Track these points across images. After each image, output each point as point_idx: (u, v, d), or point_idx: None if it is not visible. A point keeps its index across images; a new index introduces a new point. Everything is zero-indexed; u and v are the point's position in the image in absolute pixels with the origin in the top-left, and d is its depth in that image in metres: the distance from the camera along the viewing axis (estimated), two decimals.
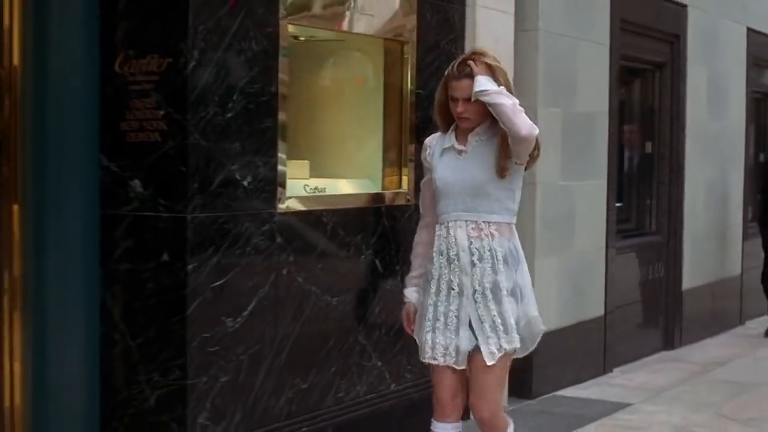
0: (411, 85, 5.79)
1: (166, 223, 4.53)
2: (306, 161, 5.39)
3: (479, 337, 4.02)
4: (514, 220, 4.12)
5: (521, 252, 4.13)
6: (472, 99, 3.95)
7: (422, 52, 5.88)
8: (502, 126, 3.91)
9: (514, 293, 4.05)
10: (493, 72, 3.99)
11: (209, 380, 4.61)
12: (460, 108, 4.02)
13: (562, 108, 7.11)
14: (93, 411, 4.74)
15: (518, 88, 6.68)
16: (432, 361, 4.13)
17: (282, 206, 4.94)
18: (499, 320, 4.00)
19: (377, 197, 5.65)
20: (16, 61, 4.58)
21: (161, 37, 4.53)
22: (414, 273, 4.27)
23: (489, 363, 4.01)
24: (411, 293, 4.26)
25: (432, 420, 4.22)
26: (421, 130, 5.61)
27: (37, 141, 4.63)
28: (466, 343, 4.04)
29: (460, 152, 4.08)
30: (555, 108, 7.03)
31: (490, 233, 4.02)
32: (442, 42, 6.01)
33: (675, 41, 8.81)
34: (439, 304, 4.10)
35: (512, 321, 4.01)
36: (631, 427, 6.22)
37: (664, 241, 8.85)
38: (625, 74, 8.25)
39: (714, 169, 9.54)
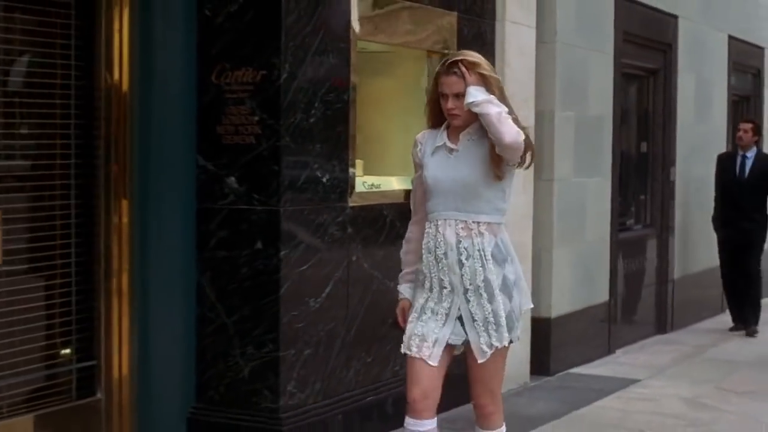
0: None
1: (260, 215, 5.17)
2: (361, 160, 6.05)
3: (470, 334, 4.02)
4: (503, 219, 4.11)
5: (510, 247, 4.12)
6: (464, 109, 3.98)
7: None
8: (489, 134, 3.93)
9: (504, 289, 4.03)
10: (486, 81, 3.98)
11: (296, 353, 5.26)
12: (450, 104, 4.02)
13: (575, 111, 7.82)
14: (190, 381, 5.38)
15: (538, 94, 7.42)
16: (406, 351, 4.10)
17: (352, 201, 5.61)
18: (492, 318, 4.00)
19: None
20: (125, 73, 5.21)
21: (256, 53, 5.17)
22: (406, 269, 4.27)
23: (480, 360, 4.02)
24: (405, 290, 4.25)
25: (405, 417, 4.13)
26: None
27: (142, 143, 5.28)
28: (450, 338, 4.03)
29: (451, 151, 4.08)
30: (569, 112, 7.74)
31: (479, 232, 4.01)
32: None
33: (668, 50, 9.56)
34: (429, 300, 4.09)
35: (504, 317, 4.00)
36: (644, 398, 6.94)
37: (656, 234, 9.60)
38: (625, 81, 8.96)
39: (701, 167, 10.28)
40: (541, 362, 7.50)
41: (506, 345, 4.05)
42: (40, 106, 4.95)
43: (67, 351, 5.12)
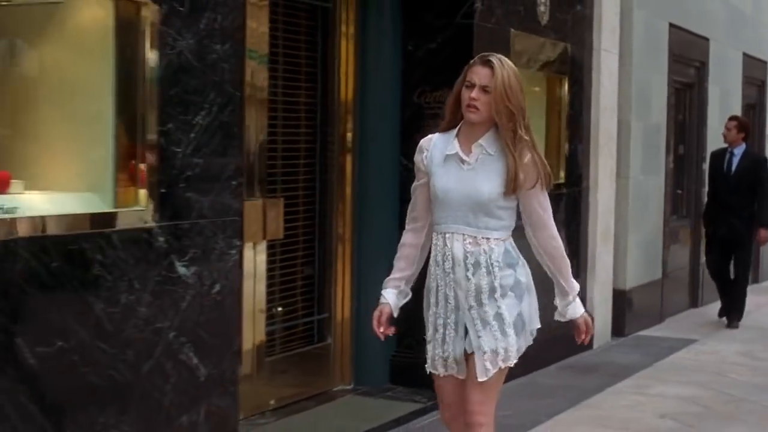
0: (567, 107, 8.16)
1: None
2: None
3: (475, 352, 3.90)
4: (510, 234, 4.00)
5: (518, 251, 4.00)
6: (486, 110, 3.85)
7: (571, 82, 8.24)
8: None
9: (516, 289, 3.93)
10: (508, 84, 3.84)
11: None
12: (474, 94, 3.86)
13: (642, 121, 9.52)
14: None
15: (619, 108, 9.07)
16: (434, 371, 4.06)
17: None
18: (497, 330, 3.89)
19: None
20: (350, 92, 6.81)
21: (451, 78, 6.75)
22: (396, 275, 4.12)
23: (480, 379, 3.90)
24: (389, 294, 4.11)
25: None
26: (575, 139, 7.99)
27: (362, 145, 6.86)
28: (462, 352, 3.97)
29: (464, 162, 3.92)
30: (640, 122, 9.44)
31: (489, 247, 3.90)
32: (582, 76, 8.39)
33: (701, 66, 11.31)
34: (438, 315, 4.00)
35: (509, 324, 3.90)
36: (708, 352, 8.67)
37: (690, 223, 11.34)
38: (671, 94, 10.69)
39: None
40: (618, 325, 9.19)
41: (511, 364, 3.96)
42: (296, 111, 6.51)
43: (312, 304, 6.72)
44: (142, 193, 4.33)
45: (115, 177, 4.32)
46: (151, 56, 4.33)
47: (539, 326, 4.05)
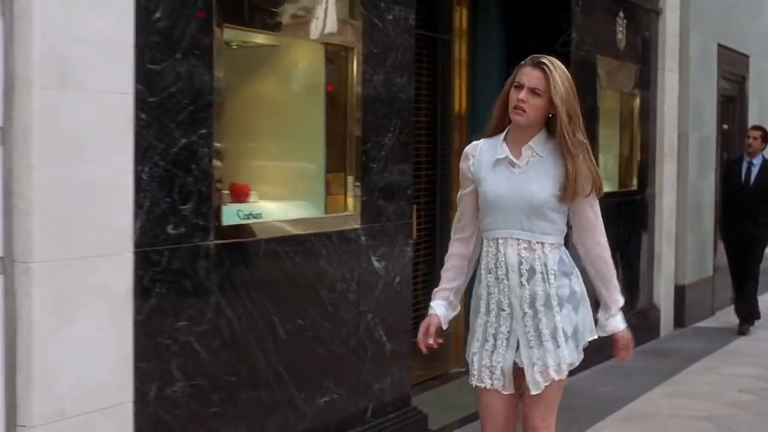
0: (639, 121, 9.18)
1: None
2: None
3: (525, 363, 3.78)
4: (563, 239, 3.89)
5: (572, 261, 3.89)
6: (534, 112, 3.75)
7: (641, 99, 9.27)
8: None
9: (572, 300, 3.81)
10: (559, 87, 3.73)
11: None
12: (522, 95, 3.74)
13: (698, 132, 10.55)
14: None
15: (678, 121, 10.09)
16: (479, 384, 3.88)
17: None
18: (550, 341, 3.77)
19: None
20: (464, 109, 7.82)
21: None
22: (444, 286, 4.01)
23: (534, 392, 3.79)
24: (439, 306, 3.98)
25: None
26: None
27: None
28: (510, 364, 3.82)
29: (514, 166, 3.79)
30: (695, 132, 10.47)
31: (544, 253, 3.77)
32: (649, 94, 9.42)
33: (742, 81, 12.34)
34: (489, 324, 3.84)
35: (563, 335, 3.78)
36: (763, 339, 9.67)
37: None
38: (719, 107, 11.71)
39: None
40: (679, 316, 10.19)
41: (564, 377, 3.83)
42: (418, 128, 7.51)
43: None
44: (350, 201, 5.32)
45: (326, 188, 5.31)
46: (354, 89, 5.32)
47: (595, 337, 3.91)
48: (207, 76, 4.33)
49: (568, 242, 3.92)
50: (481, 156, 3.86)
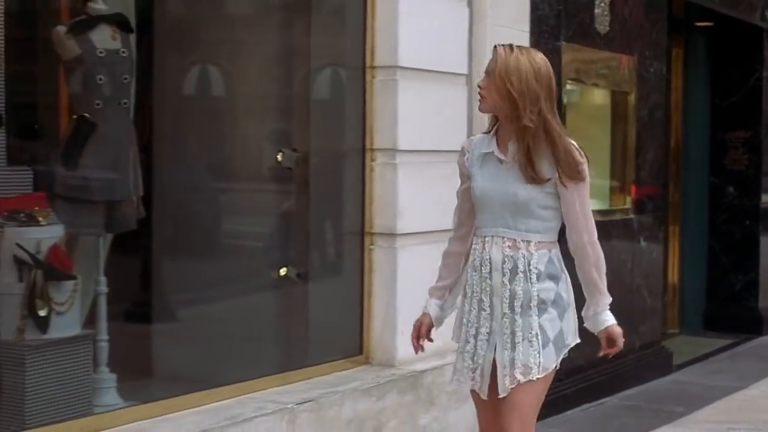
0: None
1: (744, 208, 9.97)
2: None
3: (498, 365, 3.66)
4: (556, 237, 3.74)
5: (563, 264, 3.73)
6: (490, 93, 3.64)
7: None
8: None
9: (557, 306, 3.68)
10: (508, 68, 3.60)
11: None
12: (481, 82, 3.70)
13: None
14: (702, 289, 10.17)
15: None
16: (457, 385, 3.86)
17: None
18: (521, 343, 3.63)
19: None
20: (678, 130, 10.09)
21: (745, 123, 9.97)
22: (438, 284, 3.94)
23: (501, 395, 3.66)
24: (431, 305, 3.92)
25: None
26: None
27: (686, 169, 10.13)
28: (489, 366, 3.70)
29: (501, 161, 3.69)
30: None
31: (528, 252, 3.65)
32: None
33: None
34: (470, 324, 3.75)
35: (538, 338, 3.63)
36: None
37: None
38: None
39: None
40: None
41: (534, 380, 3.63)
42: None
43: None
44: (628, 198, 7.71)
45: (611, 187, 7.70)
46: (630, 121, 7.70)
47: (578, 341, 3.76)
48: None
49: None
50: (474, 151, 3.78)
